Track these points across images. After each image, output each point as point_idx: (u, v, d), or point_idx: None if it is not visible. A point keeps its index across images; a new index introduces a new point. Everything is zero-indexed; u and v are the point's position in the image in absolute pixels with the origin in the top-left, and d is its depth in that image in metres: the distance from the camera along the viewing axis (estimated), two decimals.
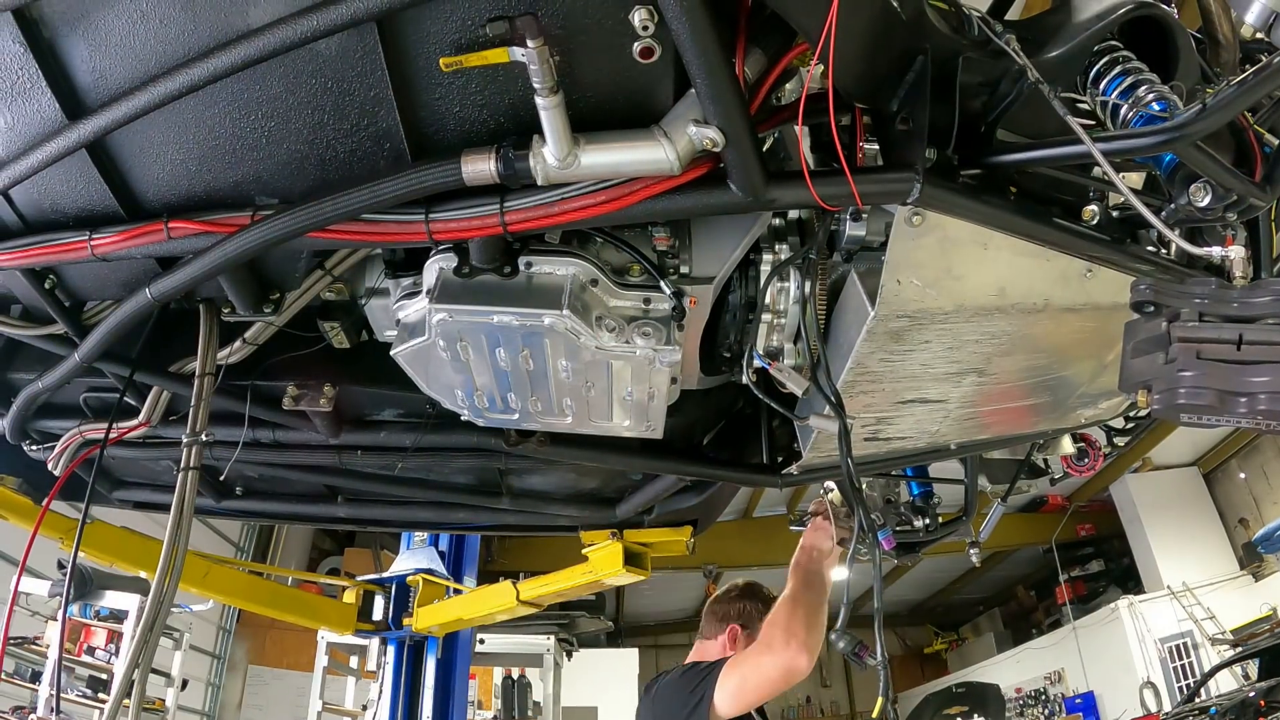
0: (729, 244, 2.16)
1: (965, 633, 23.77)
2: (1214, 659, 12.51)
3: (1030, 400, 2.74)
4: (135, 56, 1.68)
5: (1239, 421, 1.57)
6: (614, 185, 1.80)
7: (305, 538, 15.72)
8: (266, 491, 3.46)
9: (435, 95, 1.75)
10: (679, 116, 1.74)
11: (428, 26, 1.62)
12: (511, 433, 2.68)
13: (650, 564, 4.71)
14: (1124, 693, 13.82)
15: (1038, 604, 20.49)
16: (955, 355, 2.28)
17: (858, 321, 2.12)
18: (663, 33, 1.59)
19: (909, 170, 1.78)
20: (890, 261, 1.96)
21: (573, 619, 11.95)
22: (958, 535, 3.88)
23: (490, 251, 2.04)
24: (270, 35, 1.58)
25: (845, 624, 2.29)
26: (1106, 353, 2.48)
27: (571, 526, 3.91)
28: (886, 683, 2.05)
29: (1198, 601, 13.66)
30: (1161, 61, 1.95)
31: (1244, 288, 1.67)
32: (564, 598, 6.15)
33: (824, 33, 1.59)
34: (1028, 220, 1.95)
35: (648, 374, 2.21)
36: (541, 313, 2.04)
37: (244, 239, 1.90)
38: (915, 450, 2.87)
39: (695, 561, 16.47)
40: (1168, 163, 1.90)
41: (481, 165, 1.75)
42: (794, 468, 2.76)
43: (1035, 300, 2.15)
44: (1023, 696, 16.98)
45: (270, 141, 1.82)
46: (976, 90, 1.96)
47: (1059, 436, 3.48)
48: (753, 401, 2.85)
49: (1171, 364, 1.61)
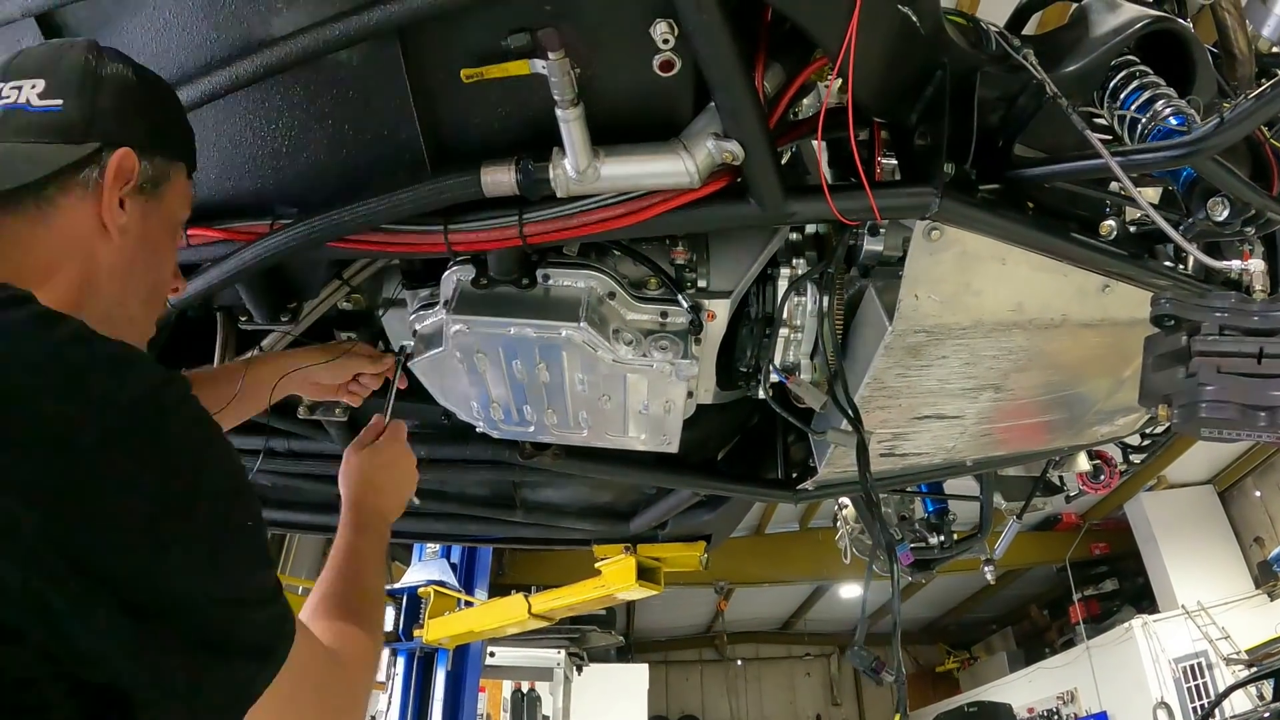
0: (747, 258, 2.17)
1: (978, 651, 23.62)
2: (1229, 679, 12.39)
3: (1046, 417, 2.73)
4: (157, 64, 1.67)
5: (1260, 436, 1.57)
6: (633, 198, 1.81)
7: (317, 547, 15.70)
8: (280, 501, 3.46)
9: (455, 106, 1.76)
10: (698, 130, 1.75)
11: (449, 38, 1.63)
12: (526, 445, 2.68)
13: (664, 579, 4.71)
14: (1137, 713, 13.69)
15: (1051, 623, 20.36)
16: (972, 371, 2.27)
17: (875, 336, 2.12)
18: (683, 46, 1.59)
19: (927, 185, 1.78)
20: (908, 276, 1.96)
21: (583, 633, 11.95)
22: (972, 553, 3.87)
23: (508, 264, 2.05)
24: (292, 44, 1.59)
25: (863, 640, 2.28)
26: (1123, 369, 2.48)
27: (585, 540, 3.90)
28: (903, 699, 2.04)
29: (1212, 621, 13.55)
30: (1178, 76, 1.96)
31: (1264, 301, 1.67)
32: (575, 611, 6.16)
33: (843, 47, 1.59)
34: (1046, 235, 1.95)
35: (664, 387, 2.21)
36: (559, 325, 2.04)
37: (263, 247, 1.91)
38: (931, 466, 2.86)
39: (706, 578, 16.41)
40: (1185, 177, 1.89)
41: (501, 176, 1.75)
42: (809, 483, 2.75)
43: (1053, 316, 2.14)
44: (1035, 716, 16.85)
45: (290, 151, 1.83)
46: (994, 105, 1.96)
47: (1075, 453, 3.47)
48: (768, 416, 2.84)
49: (1192, 378, 1.61)
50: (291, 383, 2.18)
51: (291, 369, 2.16)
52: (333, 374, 2.22)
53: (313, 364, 2.17)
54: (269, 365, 2.16)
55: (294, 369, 2.16)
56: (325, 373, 2.20)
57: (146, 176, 1.29)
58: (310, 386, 2.23)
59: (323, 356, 2.20)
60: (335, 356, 2.22)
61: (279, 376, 2.14)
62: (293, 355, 2.22)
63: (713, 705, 22.89)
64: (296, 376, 2.17)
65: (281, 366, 2.16)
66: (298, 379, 2.18)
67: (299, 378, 2.17)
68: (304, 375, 2.16)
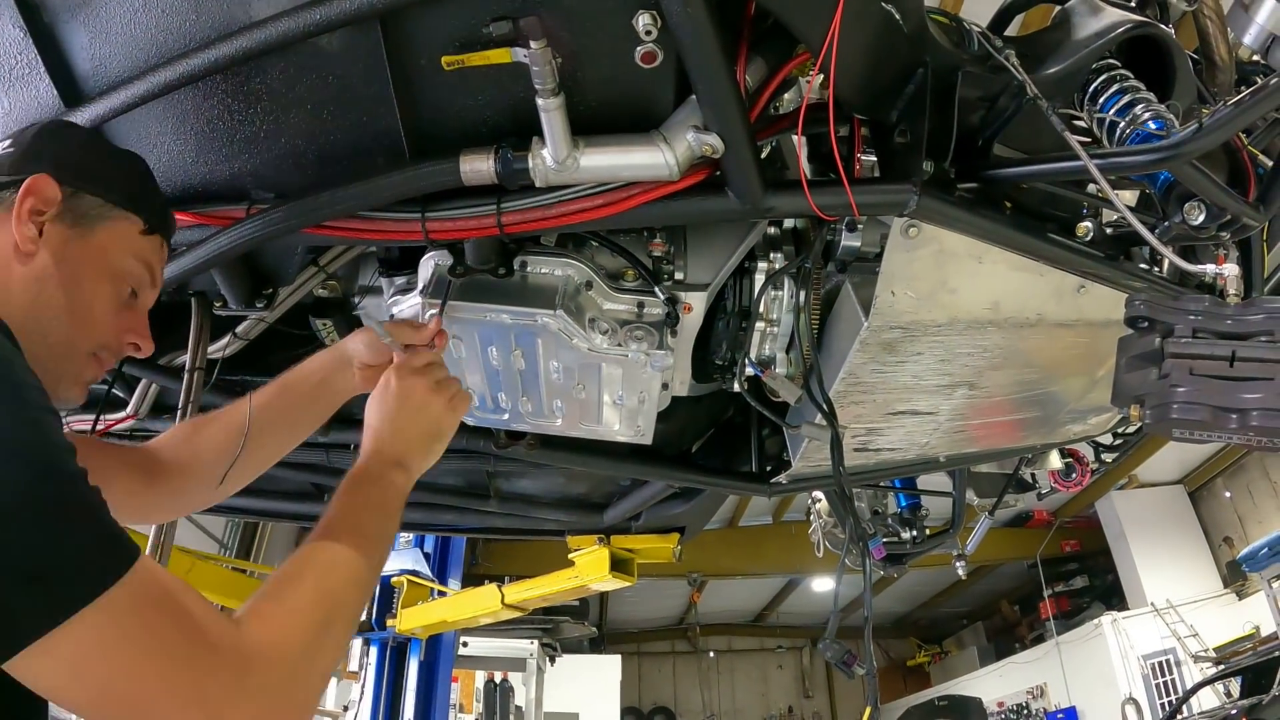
0: (724, 251, 2.17)
1: (949, 646, 23.80)
2: (1196, 676, 12.55)
3: (1020, 414, 2.75)
4: (136, 45, 1.68)
5: (1231, 438, 1.58)
6: (612, 189, 1.80)
7: (290, 536, 15.65)
8: (253, 488, 3.42)
9: (436, 94, 1.74)
10: (679, 122, 1.74)
11: (431, 24, 1.61)
12: (501, 434, 2.67)
13: (637, 570, 4.72)
14: (1106, 708, 13.84)
15: (1021, 618, 20.53)
16: (947, 368, 2.29)
17: (851, 332, 2.12)
18: (666, 38, 1.59)
19: (906, 182, 1.79)
20: (885, 272, 1.96)
21: (556, 624, 11.97)
22: (944, 548, 3.89)
23: (485, 252, 2.04)
24: (272, 28, 1.57)
25: (835, 633, 2.30)
26: (1097, 369, 2.50)
27: (559, 531, 3.90)
28: (875, 692, 2.05)
29: (1181, 619, 13.70)
30: (1159, 81, 1.97)
31: (1238, 305, 1.68)
32: (549, 602, 6.16)
33: (826, 42, 1.59)
34: (1023, 235, 1.96)
35: (639, 378, 2.21)
36: (535, 311, 2.04)
37: (239, 232, 1.89)
38: (904, 462, 2.88)
39: (680, 569, 16.48)
40: (1163, 181, 1.91)
41: (480, 165, 1.75)
42: (783, 477, 2.76)
43: (1028, 315, 2.16)
44: (1005, 710, 17.00)
45: (268, 135, 1.82)
46: (975, 105, 1.97)
47: (1047, 451, 3.49)
48: (743, 410, 2.85)
49: (1165, 379, 1.62)
50: (345, 379, 1.92)
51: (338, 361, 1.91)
52: (378, 354, 1.88)
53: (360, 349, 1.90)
54: (317, 370, 1.92)
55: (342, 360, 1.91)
56: (370, 353, 1.89)
57: (71, 208, 1.40)
58: (364, 375, 1.90)
59: (365, 337, 1.91)
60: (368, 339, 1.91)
61: (327, 374, 1.90)
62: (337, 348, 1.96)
63: (685, 697, 22.97)
64: (347, 373, 1.90)
65: (332, 361, 1.92)
66: (349, 376, 1.91)
67: (349, 374, 1.91)
68: (355, 368, 1.90)
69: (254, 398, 1.84)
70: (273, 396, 1.86)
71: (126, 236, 1.48)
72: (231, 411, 1.85)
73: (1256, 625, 12.78)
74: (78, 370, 1.45)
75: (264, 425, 1.83)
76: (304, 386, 1.89)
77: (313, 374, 1.90)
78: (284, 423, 1.89)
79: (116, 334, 1.49)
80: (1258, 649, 11.64)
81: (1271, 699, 9.06)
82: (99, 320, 1.45)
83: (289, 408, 1.88)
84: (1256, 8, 1.75)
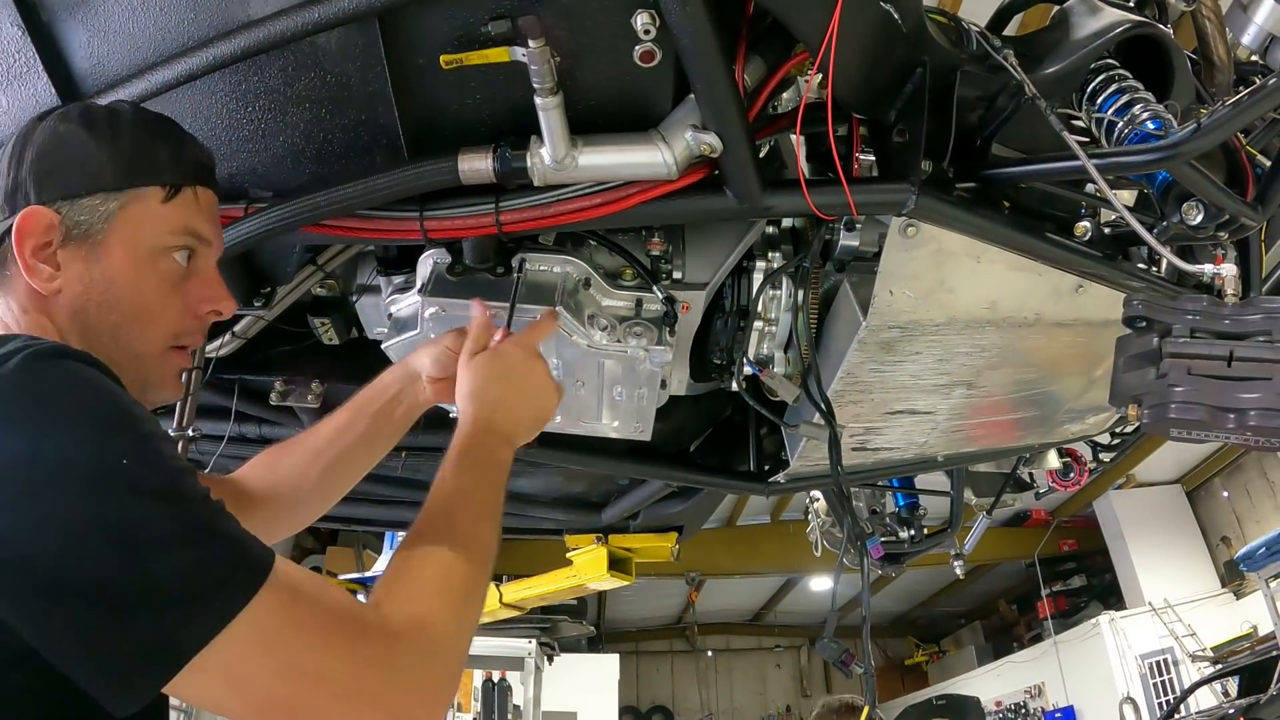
0: (722, 251, 2.17)
1: (946, 645, 23.79)
2: (1194, 675, 12.54)
3: (1018, 414, 2.75)
4: (134, 44, 1.67)
5: (1228, 437, 1.58)
6: (610, 188, 1.80)
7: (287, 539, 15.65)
8: None
9: (434, 92, 1.74)
10: (677, 121, 1.74)
11: (430, 23, 1.61)
12: None
13: (635, 569, 4.72)
14: (1104, 708, 13.84)
15: (1019, 618, 20.52)
16: (945, 367, 2.29)
17: (849, 331, 2.12)
18: (664, 37, 1.59)
19: (904, 182, 1.79)
20: (883, 272, 1.96)
21: (554, 623, 11.93)
22: (942, 547, 3.89)
23: (484, 251, 2.04)
24: (270, 27, 1.57)
25: (833, 632, 2.30)
26: (1095, 368, 2.50)
27: (557, 530, 3.90)
28: (873, 691, 2.05)
29: (1179, 618, 13.69)
30: (1157, 81, 1.97)
31: (1235, 305, 1.68)
32: (547, 601, 6.15)
33: (825, 42, 1.60)
34: (1021, 235, 1.97)
35: (638, 374, 2.21)
36: (534, 308, 2.03)
37: (237, 231, 1.89)
38: (902, 461, 2.88)
39: (678, 569, 16.46)
40: (1161, 181, 1.91)
41: (478, 164, 1.75)
42: (781, 476, 2.76)
43: (1026, 314, 2.16)
44: (1002, 710, 16.99)
45: (267, 134, 1.81)
46: (974, 104, 1.97)
47: (1045, 451, 3.50)
48: (741, 409, 2.85)
49: (1163, 379, 1.62)
50: (417, 394, 1.87)
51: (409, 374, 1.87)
52: (445, 367, 1.82)
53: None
54: (389, 387, 1.88)
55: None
56: (437, 366, 1.83)
57: (73, 224, 1.27)
58: (435, 388, 1.86)
59: (431, 350, 1.85)
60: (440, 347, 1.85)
61: (399, 391, 1.86)
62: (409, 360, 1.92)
63: (683, 696, 22.96)
64: (417, 386, 1.86)
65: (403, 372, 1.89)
66: (420, 390, 1.87)
67: (420, 389, 1.86)
68: (425, 381, 1.86)
69: (330, 421, 1.84)
70: (349, 419, 1.85)
71: (147, 215, 1.32)
72: (309, 437, 1.84)
73: (1254, 625, 12.77)
74: (162, 371, 1.37)
75: (342, 448, 1.83)
76: (377, 405, 1.87)
77: (385, 391, 1.87)
78: (362, 444, 1.87)
79: (184, 315, 1.38)
80: (1255, 648, 11.66)
81: (1269, 698, 9.05)
82: (160, 313, 1.34)
83: (366, 429, 1.86)
84: (1255, 8, 1.75)
